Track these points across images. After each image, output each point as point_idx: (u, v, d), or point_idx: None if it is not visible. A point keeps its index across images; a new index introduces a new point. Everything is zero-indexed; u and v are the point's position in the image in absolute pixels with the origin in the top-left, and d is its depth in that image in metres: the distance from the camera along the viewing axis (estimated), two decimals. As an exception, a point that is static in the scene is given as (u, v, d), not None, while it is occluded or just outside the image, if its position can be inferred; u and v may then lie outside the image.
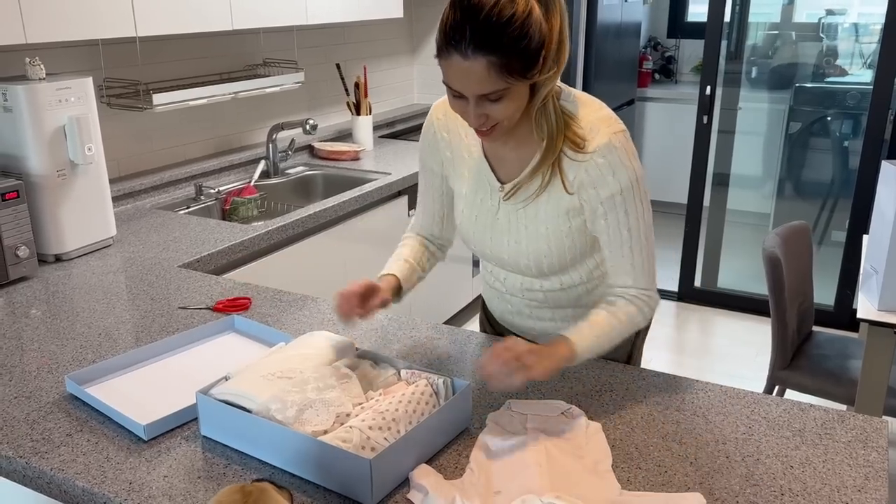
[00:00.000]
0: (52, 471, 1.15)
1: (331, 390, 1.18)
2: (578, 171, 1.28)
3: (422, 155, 1.51)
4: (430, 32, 3.93)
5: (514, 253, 1.40)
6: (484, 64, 1.15)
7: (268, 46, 3.05)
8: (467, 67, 1.16)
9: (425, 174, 1.52)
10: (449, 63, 1.18)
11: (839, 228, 4.02)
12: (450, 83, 1.21)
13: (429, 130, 1.47)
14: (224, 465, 1.16)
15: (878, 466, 1.16)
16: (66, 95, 1.94)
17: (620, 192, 1.28)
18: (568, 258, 1.38)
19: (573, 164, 1.28)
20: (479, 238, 1.44)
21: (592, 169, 1.27)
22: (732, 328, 3.85)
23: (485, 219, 1.41)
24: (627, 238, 1.31)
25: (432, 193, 1.53)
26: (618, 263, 1.34)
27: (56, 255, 2.01)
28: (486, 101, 1.20)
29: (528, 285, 1.47)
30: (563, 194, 1.31)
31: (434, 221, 1.56)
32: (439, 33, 1.19)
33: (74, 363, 1.47)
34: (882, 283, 2.12)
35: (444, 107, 1.44)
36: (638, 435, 1.24)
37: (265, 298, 1.77)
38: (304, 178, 3.08)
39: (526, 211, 1.36)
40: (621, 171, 1.27)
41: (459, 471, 1.15)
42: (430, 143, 1.47)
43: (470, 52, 1.15)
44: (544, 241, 1.36)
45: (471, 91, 1.19)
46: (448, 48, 1.17)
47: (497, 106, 1.20)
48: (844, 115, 4.17)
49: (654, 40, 5.79)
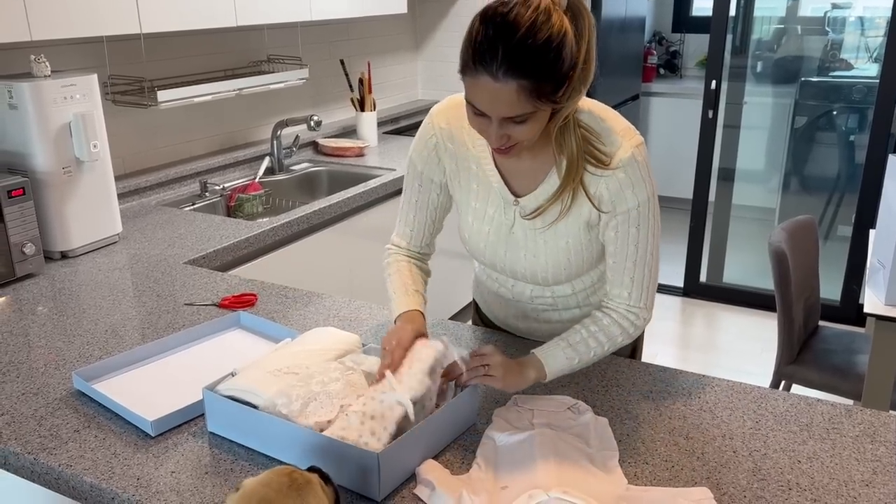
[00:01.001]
0: (59, 467, 1.15)
1: (335, 382, 1.18)
2: (599, 186, 1.26)
3: (417, 164, 1.42)
4: (434, 28, 3.93)
5: (530, 266, 1.37)
6: (514, 87, 1.10)
7: (272, 43, 3.05)
8: (496, 89, 1.11)
9: (419, 184, 1.43)
10: (476, 82, 1.13)
11: (845, 223, 4.01)
12: (473, 102, 1.15)
13: (429, 139, 1.39)
14: (231, 460, 1.16)
15: (885, 461, 1.15)
16: (71, 92, 1.94)
17: (637, 207, 1.26)
18: (585, 267, 1.37)
19: (594, 179, 1.26)
20: (492, 252, 1.40)
21: (613, 184, 1.25)
22: (738, 323, 3.84)
23: (498, 233, 1.37)
24: (633, 253, 1.29)
25: (426, 205, 1.44)
26: (618, 275, 1.31)
27: (62, 252, 2.02)
28: (510, 122, 1.15)
29: (538, 292, 1.45)
30: (583, 208, 1.29)
31: (423, 235, 1.47)
32: (467, 49, 1.12)
33: (81, 360, 1.48)
34: (889, 278, 2.11)
35: (446, 115, 1.37)
36: (645, 430, 1.24)
37: (271, 295, 1.77)
38: (309, 175, 3.08)
39: (545, 228, 1.33)
40: (640, 187, 1.25)
41: (466, 466, 1.15)
42: (431, 152, 1.39)
43: (501, 74, 1.09)
44: (564, 254, 1.34)
45: (497, 113, 1.14)
46: (477, 67, 1.11)
47: (521, 128, 1.16)
48: (850, 110, 4.15)
49: (658, 35, 5.77)
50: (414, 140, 1.42)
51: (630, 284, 1.31)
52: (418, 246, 1.47)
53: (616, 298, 1.32)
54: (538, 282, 1.40)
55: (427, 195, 1.43)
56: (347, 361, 1.26)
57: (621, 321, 1.31)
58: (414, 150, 1.42)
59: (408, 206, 1.46)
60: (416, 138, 1.41)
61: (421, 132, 1.40)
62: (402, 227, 1.48)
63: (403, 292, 1.38)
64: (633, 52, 5.04)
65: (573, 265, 1.35)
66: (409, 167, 1.44)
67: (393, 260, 1.46)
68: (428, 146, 1.39)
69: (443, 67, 3.98)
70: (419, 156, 1.41)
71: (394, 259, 1.46)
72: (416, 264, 1.46)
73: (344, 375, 1.21)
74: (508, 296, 1.50)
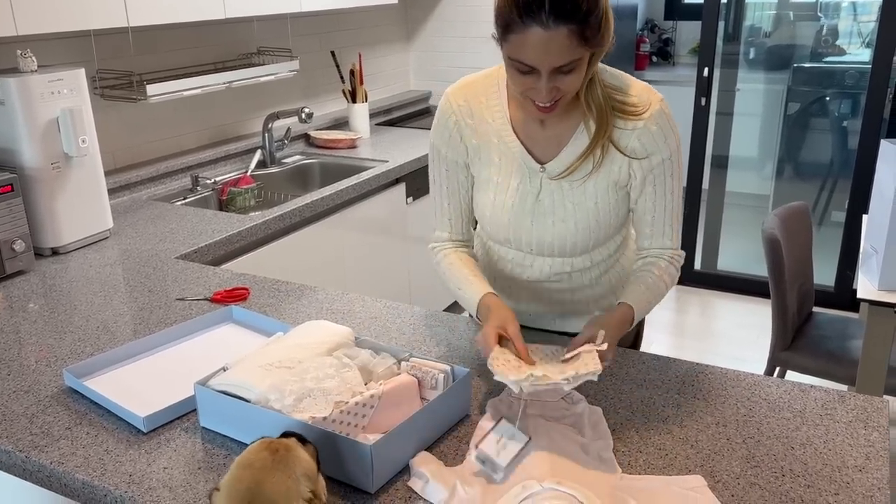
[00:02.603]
0: (51, 464, 1.14)
1: (329, 380, 1.17)
2: (630, 140, 1.30)
3: (441, 149, 1.42)
4: (426, 18, 3.91)
5: (559, 233, 1.38)
6: (565, 33, 1.12)
7: (262, 35, 3.03)
8: (548, 38, 1.13)
9: (447, 170, 1.42)
10: (524, 36, 1.14)
11: (839, 208, 4.02)
12: (522, 58, 1.17)
13: (448, 120, 1.39)
14: (224, 455, 1.16)
15: (879, 446, 1.15)
16: (58, 87, 1.92)
17: (670, 156, 1.32)
18: (611, 231, 1.40)
19: (624, 133, 1.30)
20: (517, 224, 1.40)
21: (646, 136, 1.30)
22: (733, 310, 3.85)
23: (523, 203, 1.38)
24: (671, 202, 1.35)
25: (457, 189, 1.44)
26: (660, 226, 1.37)
27: (53, 248, 2.01)
28: (558, 73, 1.17)
29: (557, 268, 1.45)
30: (613, 166, 1.33)
31: (464, 220, 1.47)
32: (509, 7, 1.14)
33: (73, 356, 1.47)
34: (882, 263, 2.12)
35: (463, 92, 1.39)
36: (638, 419, 1.24)
37: (263, 288, 1.76)
38: (301, 167, 3.06)
39: (573, 189, 1.35)
40: (671, 137, 1.32)
41: (460, 457, 1.15)
42: (452, 133, 1.39)
43: (552, 21, 1.11)
44: (593, 215, 1.36)
45: (549, 63, 1.16)
46: (525, 20, 1.13)
47: (568, 77, 1.18)
48: (843, 95, 4.15)
49: (651, 22, 5.76)
50: (433, 127, 1.44)
51: (671, 233, 1.38)
52: (461, 232, 1.48)
53: (659, 248, 1.39)
54: (565, 252, 1.41)
55: (456, 178, 1.43)
56: (341, 356, 1.25)
57: (674, 263, 1.38)
58: (434, 135, 1.43)
59: (440, 195, 1.46)
60: (436, 123, 1.43)
61: (439, 115, 1.42)
62: (440, 219, 1.48)
63: (470, 281, 1.38)
64: (625, 39, 5.03)
65: (602, 227, 1.38)
66: (433, 154, 1.44)
67: (442, 256, 1.46)
68: (448, 126, 1.40)
69: (435, 58, 3.96)
70: (440, 139, 1.41)
71: (443, 255, 1.46)
72: (465, 252, 1.47)
73: (339, 372, 1.20)
74: (523, 276, 1.49)
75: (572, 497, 1.00)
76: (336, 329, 1.35)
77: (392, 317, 1.61)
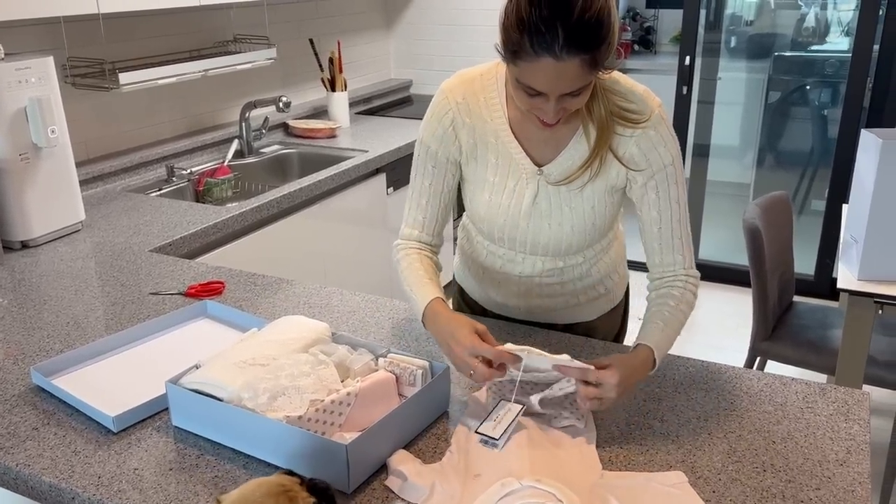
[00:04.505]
0: (17, 466, 1.11)
1: (305, 377, 1.15)
2: (629, 146, 1.27)
3: (431, 145, 1.36)
4: (406, 6, 3.86)
5: (555, 235, 1.36)
6: (577, 63, 1.09)
7: (238, 22, 2.97)
8: (559, 69, 1.09)
9: (433, 166, 1.37)
10: (535, 65, 1.10)
11: (819, 197, 4.03)
12: (532, 84, 1.13)
13: (444, 116, 1.34)
14: (197, 455, 1.13)
15: (859, 439, 1.15)
16: (26, 76, 1.87)
17: (672, 162, 1.28)
18: (605, 230, 1.38)
19: (623, 140, 1.27)
20: (512, 225, 1.37)
21: (644, 142, 1.26)
22: (714, 299, 3.86)
23: (519, 205, 1.35)
24: (677, 210, 1.30)
25: (440, 188, 1.38)
26: (668, 238, 1.31)
27: (22, 241, 1.96)
28: (567, 96, 1.15)
29: (549, 265, 1.43)
30: (610, 172, 1.29)
31: (436, 221, 1.41)
32: (518, 33, 1.09)
33: (42, 353, 1.43)
34: (862, 253, 2.12)
35: (461, 89, 1.34)
36: (619, 413, 1.23)
37: (239, 282, 1.73)
38: (280, 157, 3.02)
39: (570, 193, 1.32)
40: (671, 143, 1.28)
41: (439, 454, 1.13)
42: (447, 130, 1.35)
43: (564, 53, 1.08)
44: (590, 218, 1.34)
45: (559, 91, 1.13)
46: (536, 50, 1.09)
47: (577, 99, 1.17)
48: (823, 84, 4.16)
49: (632, 11, 5.73)
50: (424, 121, 1.38)
51: (681, 247, 1.31)
52: (430, 234, 1.41)
53: (671, 266, 1.32)
54: (559, 252, 1.39)
55: (442, 177, 1.38)
56: (317, 353, 1.23)
57: (689, 287, 1.31)
58: (426, 131, 1.37)
59: (419, 191, 1.40)
60: (429, 118, 1.37)
61: (434, 110, 1.36)
62: (413, 215, 1.41)
63: (424, 283, 1.32)
64: (607, 28, 5.00)
65: (597, 229, 1.36)
66: (421, 150, 1.38)
67: (403, 255, 1.39)
68: (443, 123, 1.35)
69: (416, 46, 3.91)
70: (433, 136, 1.36)
71: (404, 254, 1.39)
72: (427, 256, 1.39)
73: (315, 369, 1.17)
74: (515, 272, 1.46)
75: (551, 495, 0.99)
76: (312, 325, 1.32)
77: (370, 311, 1.58)
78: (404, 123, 3.36)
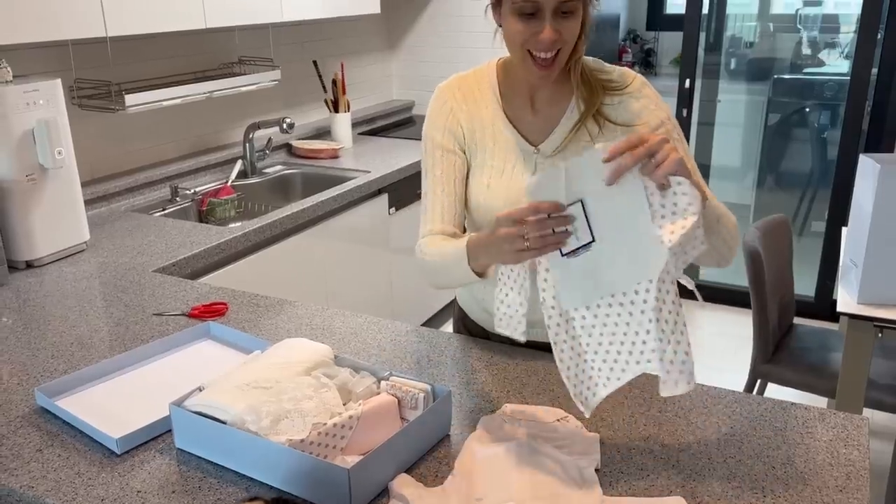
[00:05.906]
0: (21, 488, 1.12)
1: (308, 400, 1.16)
2: (619, 110, 1.35)
3: (435, 137, 1.42)
4: (408, 28, 3.90)
5: None
6: None
7: (243, 44, 3.01)
8: None
9: (443, 159, 1.41)
10: None
11: (819, 219, 4.05)
12: None
13: (443, 108, 1.43)
14: (200, 478, 1.14)
15: (858, 465, 1.15)
16: (34, 98, 1.89)
17: (669, 118, 1.35)
18: None
19: (612, 108, 1.35)
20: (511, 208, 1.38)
21: (634, 103, 1.34)
22: (714, 321, 3.86)
23: (517, 186, 1.38)
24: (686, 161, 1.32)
25: (452, 174, 1.41)
26: None
27: (27, 261, 1.97)
28: (559, 17, 1.23)
29: None
30: (608, 138, 1.35)
31: (456, 213, 1.41)
32: None
33: (46, 374, 1.44)
34: (861, 277, 2.13)
35: (457, 83, 1.43)
36: (620, 438, 1.23)
37: (242, 303, 1.74)
38: (283, 178, 3.04)
39: None
40: (660, 103, 1.37)
41: (440, 478, 1.13)
42: (448, 118, 1.42)
43: None
44: None
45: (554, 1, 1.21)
46: None
47: (568, 23, 1.24)
48: (822, 107, 4.19)
49: (633, 33, 5.79)
50: (427, 118, 1.45)
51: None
52: (452, 223, 1.40)
53: None
54: None
55: (452, 162, 1.42)
56: (320, 376, 1.24)
57: None
58: (429, 126, 1.44)
59: (433, 183, 1.42)
60: (429, 113, 1.45)
61: (433, 105, 1.45)
62: (431, 211, 1.41)
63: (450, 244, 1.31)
64: (607, 50, 5.06)
65: None
66: (427, 145, 1.44)
67: (425, 243, 1.38)
68: (443, 113, 1.43)
69: (418, 68, 3.95)
70: (435, 127, 1.43)
71: (425, 242, 1.38)
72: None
73: (318, 392, 1.18)
74: None
75: (553, 520, 0.99)
76: (315, 347, 1.33)
77: (372, 332, 1.59)
78: (407, 144, 3.39)
